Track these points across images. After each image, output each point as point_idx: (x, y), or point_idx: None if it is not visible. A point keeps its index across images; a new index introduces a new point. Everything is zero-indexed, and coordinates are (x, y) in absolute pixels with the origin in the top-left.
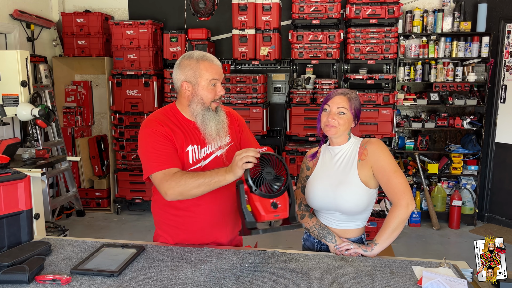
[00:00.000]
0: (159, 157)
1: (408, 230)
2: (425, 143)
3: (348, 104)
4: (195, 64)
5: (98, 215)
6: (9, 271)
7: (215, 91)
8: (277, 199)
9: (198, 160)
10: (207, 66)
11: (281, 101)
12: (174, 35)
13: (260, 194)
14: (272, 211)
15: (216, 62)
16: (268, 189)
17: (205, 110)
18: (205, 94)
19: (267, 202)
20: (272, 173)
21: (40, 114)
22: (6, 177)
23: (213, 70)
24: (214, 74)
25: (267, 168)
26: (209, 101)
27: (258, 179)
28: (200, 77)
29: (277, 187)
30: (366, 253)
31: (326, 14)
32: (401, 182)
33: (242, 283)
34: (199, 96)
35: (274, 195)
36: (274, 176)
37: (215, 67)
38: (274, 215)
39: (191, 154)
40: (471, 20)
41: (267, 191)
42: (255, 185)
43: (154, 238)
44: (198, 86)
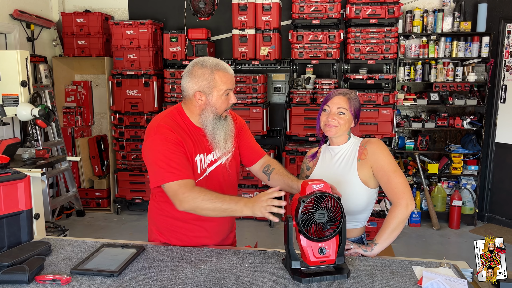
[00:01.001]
0: (173, 166)
1: (408, 230)
2: (425, 143)
3: (348, 104)
4: (209, 74)
5: (98, 215)
6: (9, 271)
7: (228, 101)
8: (327, 243)
9: (204, 170)
10: (222, 77)
11: (281, 101)
12: (174, 35)
13: (307, 237)
14: (318, 256)
15: (230, 71)
16: (319, 232)
17: (216, 119)
18: (219, 105)
19: (315, 245)
20: (325, 216)
21: (40, 114)
22: (6, 177)
23: (228, 80)
24: (229, 85)
25: (321, 210)
26: (222, 111)
27: (309, 221)
28: (214, 88)
29: (328, 233)
30: (366, 253)
31: (326, 14)
32: (400, 182)
33: (242, 283)
34: (212, 107)
35: (322, 239)
36: (327, 219)
37: (229, 76)
38: (320, 261)
39: (199, 164)
40: (471, 20)
41: (316, 235)
42: (304, 226)
43: (150, 239)
44: (212, 97)
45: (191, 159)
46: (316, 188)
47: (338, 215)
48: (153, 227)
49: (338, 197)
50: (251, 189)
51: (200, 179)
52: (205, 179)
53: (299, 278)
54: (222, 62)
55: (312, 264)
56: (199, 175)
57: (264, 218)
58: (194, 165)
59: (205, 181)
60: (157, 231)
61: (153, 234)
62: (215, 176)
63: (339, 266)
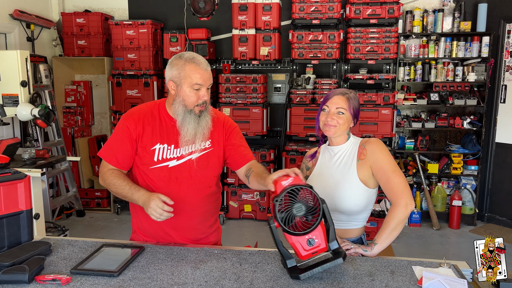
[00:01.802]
0: (110, 147)
1: (408, 230)
2: (425, 143)
3: (347, 104)
4: (182, 65)
5: (98, 215)
6: (9, 271)
7: (198, 96)
8: (312, 233)
9: (164, 159)
10: (193, 69)
11: (281, 101)
12: (174, 35)
13: (290, 233)
14: (309, 249)
15: (203, 66)
16: (303, 225)
17: (186, 112)
18: (187, 97)
19: (302, 239)
20: (303, 208)
21: (40, 114)
22: (6, 177)
23: (197, 75)
24: (198, 79)
25: (298, 204)
26: (192, 104)
27: (289, 217)
28: (184, 79)
29: (312, 223)
30: (366, 253)
31: (326, 14)
32: (400, 182)
33: (242, 283)
34: (181, 98)
35: (306, 232)
36: (306, 211)
37: (201, 71)
38: (311, 253)
39: (157, 153)
40: (471, 20)
41: (302, 228)
42: (285, 224)
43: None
44: (181, 88)
45: (146, 147)
46: (286, 184)
47: (316, 203)
48: (133, 218)
49: (310, 186)
50: (251, 189)
51: (154, 167)
52: (167, 170)
53: (297, 275)
54: (199, 58)
55: (304, 258)
56: (154, 163)
57: (264, 217)
58: (151, 152)
59: (167, 172)
60: (136, 221)
61: (133, 226)
62: (179, 170)
63: (335, 251)
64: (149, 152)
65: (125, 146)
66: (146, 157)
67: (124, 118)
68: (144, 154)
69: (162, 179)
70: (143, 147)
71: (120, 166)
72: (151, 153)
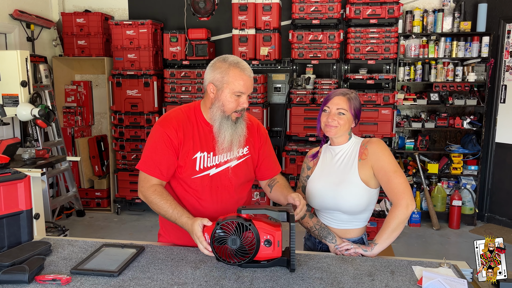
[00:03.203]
0: (150, 158)
1: (408, 230)
2: (425, 143)
3: (348, 105)
4: (226, 68)
5: (98, 215)
6: (9, 271)
7: (238, 102)
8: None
9: (206, 168)
10: (237, 75)
11: (281, 101)
12: (174, 35)
13: (225, 262)
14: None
15: (248, 73)
16: (236, 257)
17: (223, 118)
18: (227, 102)
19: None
20: (237, 241)
21: (40, 114)
22: (6, 177)
23: (241, 81)
24: (242, 86)
25: (236, 238)
26: (230, 110)
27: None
28: (226, 84)
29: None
30: (366, 253)
31: (326, 14)
32: (401, 182)
33: (242, 283)
34: (220, 102)
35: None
36: (239, 246)
37: (245, 78)
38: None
39: (199, 161)
40: (471, 20)
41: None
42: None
43: (158, 238)
44: (222, 92)
45: (188, 156)
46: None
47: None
48: (160, 223)
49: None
50: (251, 189)
51: (196, 176)
52: (209, 179)
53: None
54: (244, 63)
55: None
56: (197, 172)
57: None
58: (193, 162)
59: (208, 181)
60: (163, 227)
61: (160, 230)
62: (220, 178)
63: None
64: (191, 161)
65: (168, 156)
66: (188, 166)
67: (161, 125)
68: (186, 164)
69: (204, 188)
70: (184, 156)
71: (164, 178)
72: (193, 162)
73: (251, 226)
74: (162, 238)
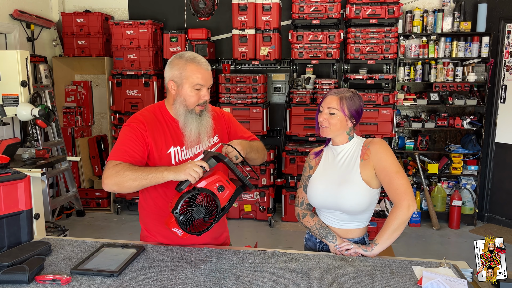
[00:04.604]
0: (119, 149)
1: (408, 230)
2: (425, 143)
3: (339, 104)
4: (183, 64)
5: (98, 215)
6: (9, 271)
7: (199, 95)
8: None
9: (181, 161)
10: (194, 69)
11: (281, 101)
12: (174, 35)
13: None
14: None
15: (205, 66)
16: (199, 225)
17: (187, 112)
18: (188, 97)
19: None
20: (202, 213)
21: (40, 114)
22: (6, 177)
23: (199, 75)
24: (200, 80)
25: (199, 208)
26: (193, 104)
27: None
28: (185, 79)
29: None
30: (366, 253)
31: (326, 14)
32: (402, 183)
33: (242, 283)
34: (182, 97)
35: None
36: (204, 214)
37: (202, 71)
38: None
39: (173, 156)
40: (471, 20)
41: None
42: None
43: (141, 238)
44: (182, 88)
45: (162, 152)
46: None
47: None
48: (142, 225)
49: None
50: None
51: None
52: None
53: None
54: (200, 58)
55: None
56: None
57: (264, 218)
58: (167, 156)
59: None
60: (144, 227)
61: (142, 233)
62: None
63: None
64: (166, 156)
65: (138, 145)
66: (164, 161)
67: (132, 122)
68: (161, 159)
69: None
70: (159, 152)
71: (133, 160)
72: (168, 157)
73: (197, 190)
74: (148, 238)
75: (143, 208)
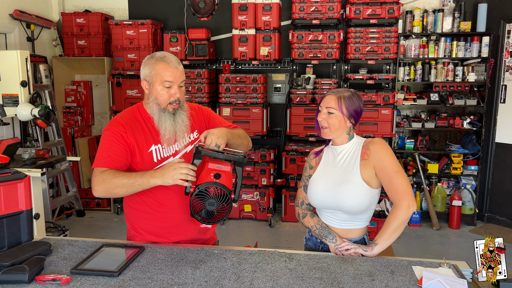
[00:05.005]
0: (103, 155)
1: (408, 230)
2: (425, 143)
3: (337, 104)
4: (153, 64)
5: (98, 215)
6: (9, 271)
7: (170, 93)
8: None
9: (164, 158)
10: (163, 68)
11: (281, 101)
12: (174, 35)
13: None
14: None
15: (174, 64)
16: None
17: (160, 110)
18: (159, 95)
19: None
20: (214, 203)
21: (40, 114)
22: (6, 177)
23: (167, 73)
24: (168, 77)
25: (210, 200)
26: (164, 102)
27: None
28: (155, 77)
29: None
30: (366, 253)
31: (326, 14)
32: (402, 183)
33: (242, 283)
34: (153, 96)
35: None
36: (217, 205)
37: (171, 69)
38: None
39: (155, 153)
40: (471, 20)
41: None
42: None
43: (128, 238)
44: (153, 86)
45: (143, 150)
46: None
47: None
48: (129, 224)
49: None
50: (251, 189)
51: (157, 167)
52: None
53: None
54: (170, 56)
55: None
56: (156, 164)
57: (264, 218)
58: (149, 155)
59: None
60: (131, 226)
61: (129, 232)
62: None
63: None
64: (147, 155)
65: (120, 148)
66: (146, 160)
67: (112, 126)
68: (143, 158)
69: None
70: (141, 151)
71: (118, 165)
72: (149, 155)
73: (198, 188)
74: (136, 237)
75: (129, 207)
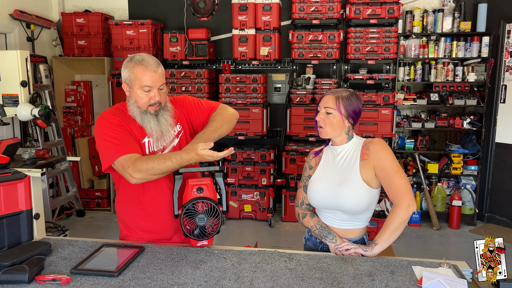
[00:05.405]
0: (118, 144)
1: (408, 230)
2: (425, 143)
3: (335, 104)
4: (132, 67)
5: (98, 215)
6: (9, 271)
7: (149, 97)
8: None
9: (153, 152)
10: (141, 72)
11: (281, 101)
12: (174, 35)
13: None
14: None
15: (152, 68)
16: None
17: (141, 112)
18: (139, 98)
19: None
20: (204, 219)
21: (40, 114)
22: (6, 177)
23: (145, 77)
24: (146, 81)
25: (199, 215)
26: (144, 105)
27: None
28: (134, 81)
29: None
30: (366, 253)
31: (326, 14)
32: (402, 183)
33: (242, 283)
34: (133, 99)
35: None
36: (207, 219)
37: (150, 73)
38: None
39: (147, 146)
40: (471, 20)
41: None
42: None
43: (120, 237)
44: (132, 89)
45: (139, 140)
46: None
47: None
48: (121, 224)
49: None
50: (251, 189)
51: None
52: None
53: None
54: (148, 59)
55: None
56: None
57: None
58: (142, 146)
59: None
60: (124, 226)
61: (122, 233)
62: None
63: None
64: (142, 146)
65: (128, 135)
66: (142, 150)
67: (106, 119)
68: (140, 147)
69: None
70: (137, 141)
71: (137, 150)
72: (143, 146)
73: (185, 207)
74: (129, 237)
75: (122, 206)
